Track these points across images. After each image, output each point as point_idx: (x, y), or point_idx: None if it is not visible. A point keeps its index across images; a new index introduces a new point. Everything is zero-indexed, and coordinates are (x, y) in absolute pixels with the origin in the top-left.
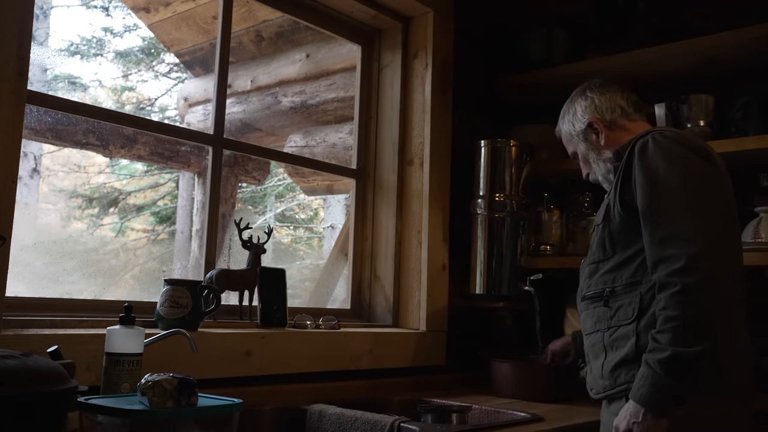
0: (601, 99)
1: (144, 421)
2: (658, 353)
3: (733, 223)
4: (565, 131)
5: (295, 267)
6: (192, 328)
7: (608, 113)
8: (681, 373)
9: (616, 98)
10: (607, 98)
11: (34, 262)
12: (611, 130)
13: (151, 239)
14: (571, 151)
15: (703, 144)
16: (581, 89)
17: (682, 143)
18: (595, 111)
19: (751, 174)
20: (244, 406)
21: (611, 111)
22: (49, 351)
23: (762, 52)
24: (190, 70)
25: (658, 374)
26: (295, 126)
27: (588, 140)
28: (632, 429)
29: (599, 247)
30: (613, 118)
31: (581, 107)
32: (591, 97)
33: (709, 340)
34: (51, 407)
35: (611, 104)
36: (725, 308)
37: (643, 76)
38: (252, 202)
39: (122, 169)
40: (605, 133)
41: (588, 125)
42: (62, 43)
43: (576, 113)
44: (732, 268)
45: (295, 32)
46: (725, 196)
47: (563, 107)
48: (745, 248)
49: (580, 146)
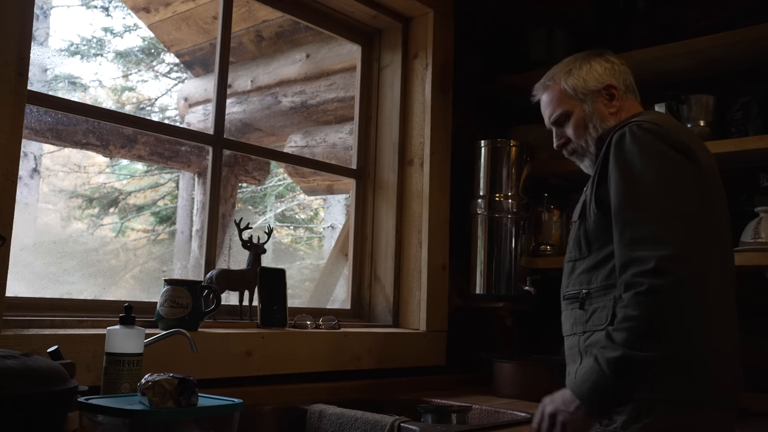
0: (621, 67)
1: (144, 421)
2: (609, 351)
3: (713, 223)
4: (567, 86)
5: (295, 267)
6: (192, 328)
7: (622, 83)
8: (628, 376)
9: (629, 73)
10: (625, 69)
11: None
12: (622, 102)
13: (151, 239)
14: (560, 111)
15: (685, 137)
16: (595, 52)
17: (661, 137)
18: (614, 76)
19: (751, 174)
20: (244, 406)
21: (625, 82)
22: (49, 351)
23: (762, 52)
24: (190, 70)
25: (603, 373)
26: (295, 126)
27: (596, 103)
28: (557, 415)
29: (575, 246)
30: (625, 89)
31: (601, 67)
32: (612, 61)
33: (668, 346)
34: (51, 407)
35: (627, 76)
36: (696, 313)
37: (643, 76)
38: (252, 202)
39: (122, 169)
40: (619, 101)
41: (605, 87)
42: (62, 43)
43: (593, 71)
44: (708, 271)
45: (295, 32)
46: (705, 195)
47: (564, 62)
48: (745, 248)
49: (584, 107)
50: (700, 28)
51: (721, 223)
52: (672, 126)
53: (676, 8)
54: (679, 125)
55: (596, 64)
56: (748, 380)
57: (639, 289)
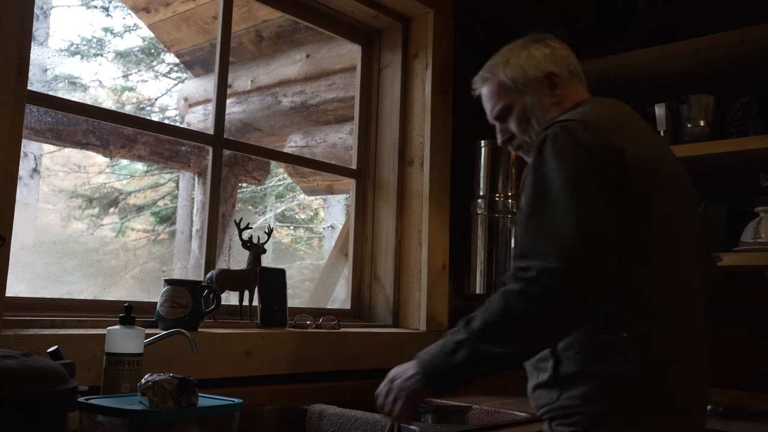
0: (563, 52)
1: (144, 421)
2: (459, 334)
3: (642, 236)
4: (505, 78)
5: (295, 267)
6: (192, 328)
7: (566, 69)
8: (465, 363)
9: (573, 57)
10: (567, 54)
11: (34, 262)
12: (565, 90)
13: (151, 239)
14: (501, 105)
15: (618, 136)
16: (533, 38)
17: (578, 140)
18: (555, 62)
19: (751, 174)
20: (244, 406)
21: (568, 68)
22: (49, 351)
23: (762, 52)
24: (190, 70)
25: (447, 351)
26: (295, 126)
27: (538, 94)
28: (395, 380)
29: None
30: (569, 76)
31: (540, 53)
32: (553, 46)
33: (512, 350)
34: (51, 407)
35: (569, 61)
36: (555, 330)
37: (643, 76)
38: (252, 202)
39: (122, 169)
40: (562, 90)
41: (546, 75)
42: (62, 43)
43: (532, 58)
44: (599, 289)
45: (295, 32)
46: (628, 202)
47: (501, 52)
48: (745, 248)
49: (525, 99)
50: (700, 28)
51: (669, 229)
52: (602, 121)
53: (676, 8)
54: (616, 118)
55: (535, 51)
56: (748, 380)
57: (513, 287)
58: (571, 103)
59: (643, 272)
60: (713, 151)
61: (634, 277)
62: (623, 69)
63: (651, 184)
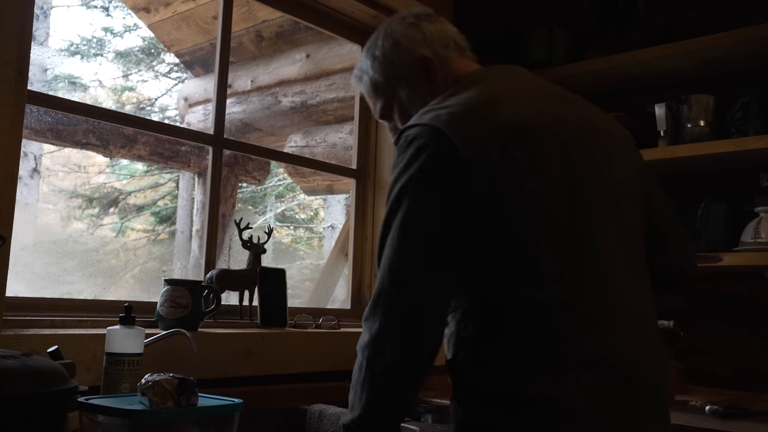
0: (432, 27)
1: (144, 421)
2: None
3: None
4: (376, 75)
5: (295, 267)
6: (192, 328)
7: (440, 47)
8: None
9: (448, 27)
10: (439, 28)
11: (34, 262)
12: (444, 71)
13: (151, 239)
14: (380, 104)
15: (481, 133)
16: (398, 19)
17: (427, 146)
18: (425, 43)
19: (751, 174)
20: (244, 406)
21: (445, 45)
22: (49, 351)
23: (762, 52)
24: (190, 70)
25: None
26: (295, 126)
27: (413, 84)
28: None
29: None
30: (446, 54)
31: (406, 39)
32: (419, 25)
33: (355, 414)
34: (51, 407)
35: (444, 36)
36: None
37: (643, 76)
38: (252, 202)
39: (122, 169)
40: (440, 74)
41: (417, 61)
42: (62, 43)
43: (399, 45)
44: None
45: (295, 32)
46: (462, 226)
47: (367, 44)
48: (745, 248)
49: (400, 93)
50: (700, 28)
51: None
52: (474, 111)
53: (676, 8)
54: (496, 96)
55: (400, 37)
56: (749, 380)
57: (359, 359)
58: (455, 81)
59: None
60: (713, 151)
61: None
62: (623, 69)
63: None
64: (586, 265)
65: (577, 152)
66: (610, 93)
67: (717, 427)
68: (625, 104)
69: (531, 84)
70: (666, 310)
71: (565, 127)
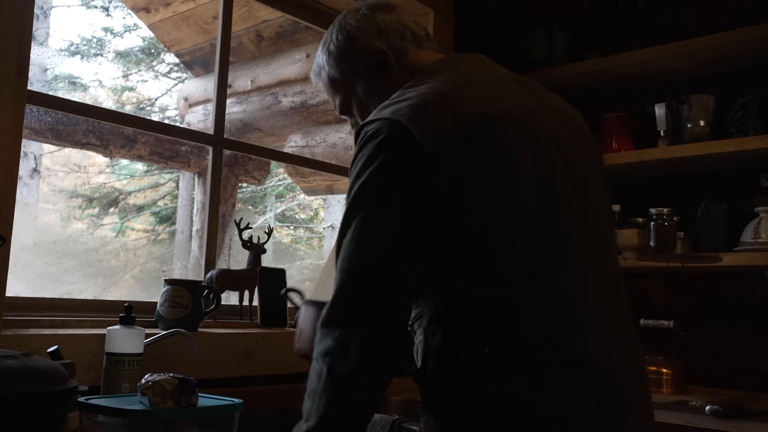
0: (385, 18)
1: (144, 421)
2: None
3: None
4: (332, 71)
5: (295, 267)
6: (192, 328)
7: (397, 38)
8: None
9: (404, 18)
10: (394, 18)
11: (34, 262)
12: (401, 63)
13: (151, 239)
14: (339, 100)
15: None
16: (353, 9)
17: (388, 140)
18: (379, 35)
19: (751, 174)
20: (244, 406)
21: (401, 36)
22: (49, 351)
23: (762, 52)
24: (190, 70)
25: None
26: (295, 126)
27: (370, 79)
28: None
29: None
30: (402, 46)
31: (360, 32)
32: (373, 16)
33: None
34: (51, 407)
35: (400, 26)
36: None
37: (643, 76)
38: (252, 202)
39: (122, 169)
40: (396, 66)
41: (372, 54)
42: (62, 43)
43: (353, 39)
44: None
45: (295, 32)
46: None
47: (324, 37)
48: (745, 248)
49: (357, 88)
50: (700, 28)
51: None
52: (434, 103)
53: (676, 8)
54: (458, 85)
55: (353, 30)
56: (749, 380)
57: (318, 366)
58: (411, 74)
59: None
60: (713, 151)
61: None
62: (623, 69)
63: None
64: (560, 261)
65: (546, 143)
66: (610, 93)
67: (717, 427)
68: (625, 104)
69: (495, 73)
70: (666, 310)
71: (533, 117)
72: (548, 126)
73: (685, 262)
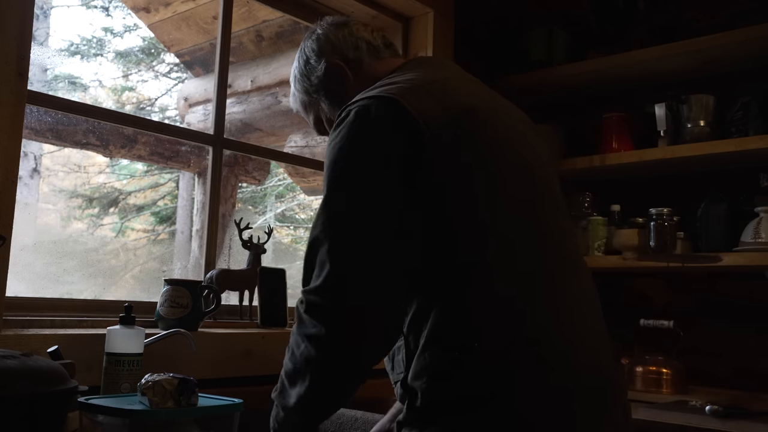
0: (337, 34)
1: (144, 421)
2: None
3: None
4: (301, 93)
5: (295, 267)
6: (192, 328)
7: (351, 50)
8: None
9: (358, 30)
10: (346, 32)
11: (34, 262)
12: (358, 74)
13: (151, 239)
14: (312, 119)
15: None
16: (309, 32)
17: (380, 116)
18: (333, 51)
19: (751, 174)
20: (244, 406)
21: (354, 48)
22: (49, 351)
23: (762, 52)
24: (190, 70)
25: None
26: (295, 126)
27: (331, 92)
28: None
29: None
30: (357, 57)
31: (314, 52)
32: (322, 34)
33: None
34: (51, 407)
35: (353, 39)
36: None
37: (643, 76)
38: (252, 202)
39: (122, 169)
40: (351, 77)
41: (326, 71)
42: (62, 43)
43: (309, 59)
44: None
45: (295, 32)
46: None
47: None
48: (745, 248)
49: (323, 105)
50: (700, 28)
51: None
52: (425, 87)
53: (676, 8)
54: (423, 84)
55: (310, 52)
56: (749, 380)
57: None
58: (372, 82)
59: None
60: (713, 151)
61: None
62: (623, 69)
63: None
64: (537, 259)
65: (518, 142)
66: (610, 93)
67: (717, 427)
68: (625, 104)
69: (464, 73)
70: (666, 310)
71: (505, 115)
72: (512, 127)
73: (685, 262)
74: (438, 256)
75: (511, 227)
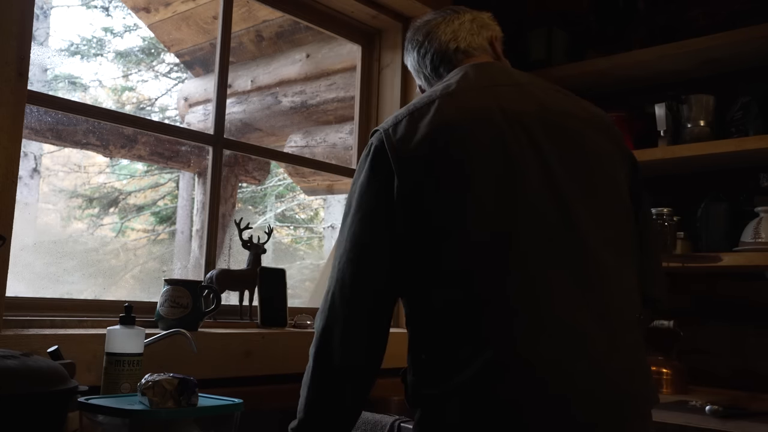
0: (416, 57)
1: (144, 421)
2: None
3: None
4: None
5: (295, 267)
6: (192, 328)
7: (429, 70)
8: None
9: (431, 47)
10: (422, 53)
11: (34, 262)
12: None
13: (151, 239)
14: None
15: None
16: (407, 49)
17: (371, 148)
18: (417, 72)
19: (751, 174)
20: (244, 406)
21: (433, 66)
22: (49, 351)
23: (762, 52)
24: (190, 70)
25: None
26: (295, 126)
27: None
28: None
29: None
30: (427, 75)
31: (412, 68)
32: (414, 53)
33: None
34: (51, 407)
35: (429, 57)
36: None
37: (643, 76)
38: (252, 202)
39: (122, 169)
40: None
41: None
42: (62, 43)
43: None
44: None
45: (295, 32)
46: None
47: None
48: (745, 248)
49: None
50: (700, 28)
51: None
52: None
53: (676, 8)
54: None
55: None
56: (748, 380)
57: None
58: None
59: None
60: (713, 151)
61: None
62: (623, 69)
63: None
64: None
65: (522, 147)
66: (610, 93)
67: (717, 427)
68: (625, 104)
69: (489, 79)
70: (666, 310)
71: (517, 121)
72: (532, 129)
73: (685, 262)
74: (420, 265)
75: (484, 234)
